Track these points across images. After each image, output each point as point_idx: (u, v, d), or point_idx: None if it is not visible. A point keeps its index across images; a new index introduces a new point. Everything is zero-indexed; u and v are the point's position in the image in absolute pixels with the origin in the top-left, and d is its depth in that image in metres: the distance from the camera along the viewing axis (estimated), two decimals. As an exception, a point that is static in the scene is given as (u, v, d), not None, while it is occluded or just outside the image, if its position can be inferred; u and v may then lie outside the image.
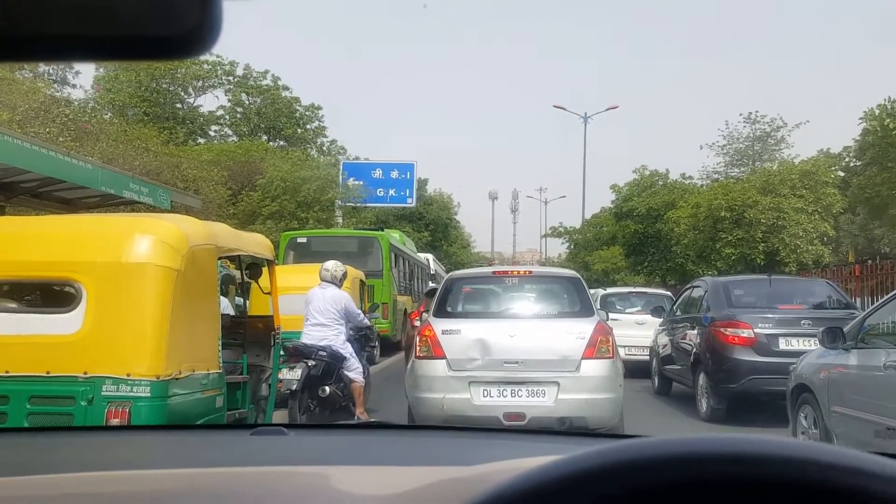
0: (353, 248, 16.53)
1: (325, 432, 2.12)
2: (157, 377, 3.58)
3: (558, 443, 1.86)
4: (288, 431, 1.68)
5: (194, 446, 1.77)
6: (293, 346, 6.66)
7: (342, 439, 1.85)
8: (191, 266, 3.79)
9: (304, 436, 1.90)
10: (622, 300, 13.78)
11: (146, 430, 2.74)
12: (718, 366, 7.98)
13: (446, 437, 1.92)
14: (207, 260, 4.01)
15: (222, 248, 4.27)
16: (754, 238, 14.98)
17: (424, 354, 6.05)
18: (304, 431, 2.15)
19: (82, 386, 3.55)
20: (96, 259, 3.69)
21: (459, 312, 6.54)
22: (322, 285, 7.16)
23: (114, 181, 12.65)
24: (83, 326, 3.63)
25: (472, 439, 1.80)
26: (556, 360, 5.77)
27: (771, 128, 25.69)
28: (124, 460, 1.60)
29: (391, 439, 1.84)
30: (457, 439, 1.82)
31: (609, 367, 5.86)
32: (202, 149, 25.05)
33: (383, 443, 1.75)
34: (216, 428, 3.23)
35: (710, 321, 8.20)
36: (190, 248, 3.79)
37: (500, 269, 7.45)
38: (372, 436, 1.86)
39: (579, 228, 34.88)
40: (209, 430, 2.71)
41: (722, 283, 8.75)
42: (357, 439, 1.80)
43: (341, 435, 1.97)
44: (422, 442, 1.79)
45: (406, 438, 1.90)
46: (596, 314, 6.29)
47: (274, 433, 1.65)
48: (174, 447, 1.77)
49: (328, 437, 1.92)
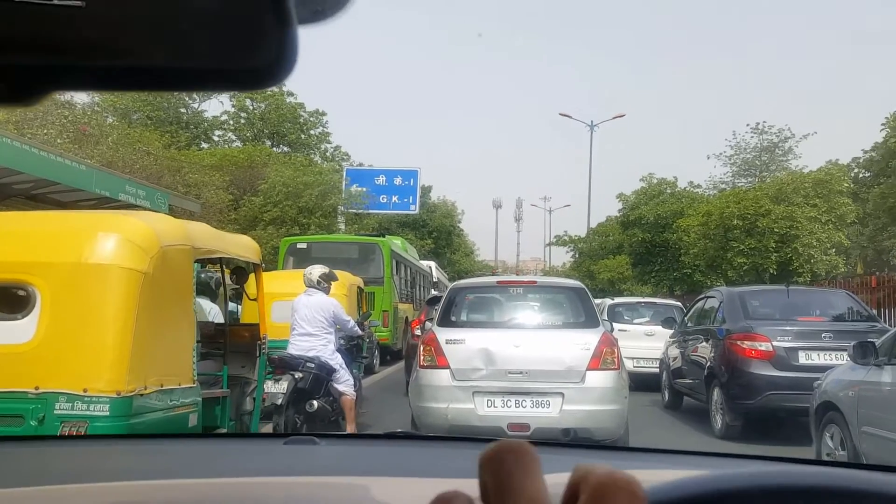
0: (354, 254, 16.23)
1: (357, 442, 2.13)
2: (118, 393, 3.19)
3: (591, 457, 1.79)
4: (320, 441, 1.68)
5: (226, 455, 1.76)
6: (278, 357, 6.27)
7: (375, 449, 1.84)
8: (161, 268, 3.39)
9: (336, 445, 1.89)
10: (630, 310, 13.37)
11: (179, 438, 2.75)
12: (734, 380, 7.56)
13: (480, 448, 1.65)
14: (181, 262, 3.62)
15: (200, 248, 3.87)
16: (767, 247, 14.54)
17: (428, 364, 6.02)
18: (337, 441, 2.11)
19: (33, 403, 3.16)
20: (53, 259, 3.30)
21: (464, 322, 6.48)
22: (308, 292, 6.77)
23: (109, 184, 12.35)
24: (36, 335, 3.23)
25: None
26: (560, 370, 5.73)
27: (779, 138, 25.66)
28: (158, 469, 1.56)
29: (425, 450, 1.83)
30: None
31: (614, 378, 5.81)
32: (205, 153, 24.83)
33: (417, 453, 1.75)
34: (248, 437, 3.24)
35: (726, 333, 7.78)
36: (161, 248, 3.40)
37: (504, 279, 7.27)
38: (405, 446, 1.86)
39: (584, 237, 34.50)
40: (241, 439, 2.75)
41: (738, 294, 8.33)
42: (391, 450, 1.80)
43: (374, 445, 1.96)
44: (455, 453, 1.75)
45: (439, 450, 1.88)
46: (601, 325, 6.22)
47: (306, 442, 1.67)
48: (206, 456, 1.76)
49: (361, 448, 1.92)
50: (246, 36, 0.47)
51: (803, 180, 15.35)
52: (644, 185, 24.27)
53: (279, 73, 0.47)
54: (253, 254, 5.00)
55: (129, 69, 0.48)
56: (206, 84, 0.52)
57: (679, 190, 23.44)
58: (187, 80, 0.51)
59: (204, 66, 0.48)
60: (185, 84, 0.52)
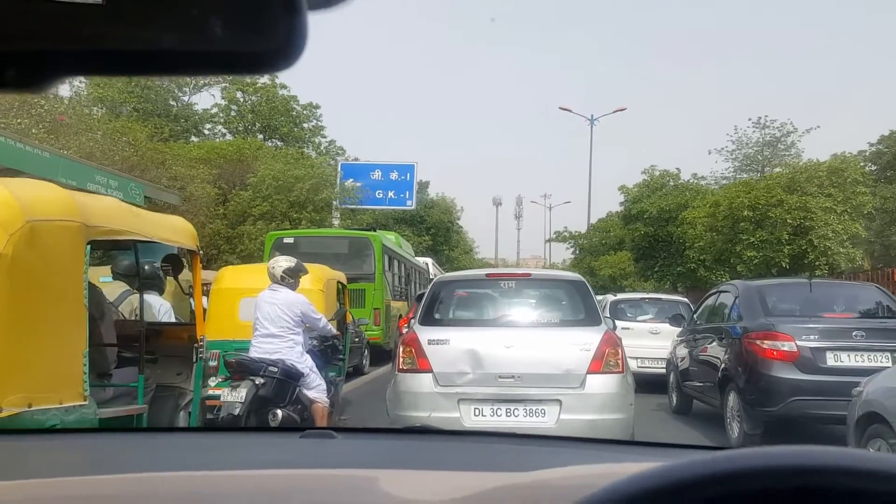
0: (344, 249, 15.55)
1: (374, 436, 2.13)
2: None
3: (612, 451, 1.83)
4: (337, 435, 1.69)
5: (243, 448, 1.76)
6: (236, 360, 5.48)
7: (392, 443, 1.86)
8: (29, 249, 2.59)
9: (353, 439, 1.86)
10: (634, 307, 12.62)
11: (194, 431, 2.70)
12: (753, 384, 6.76)
13: (497, 443, 1.90)
14: (64, 242, 2.82)
15: (97, 227, 3.05)
16: (779, 240, 13.67)
17: (408, 367, 5.37)
18: (354, 435, 2.07)
19: None
20: None
21: (448, 320, 5.80)
22: (272, 287, 5.97)
23: (76, 172, 11.57)
24: None
25: (525, 446, 1.80)
26: (557, 374, 5.19)
27: (781, 133, 25.12)
28: (174, 462, 1.55)
29: (442, 444, 1.83)
30: (509, 446, 1.81)
31: (618, 382, 5.25)
32: (192, 146, 24.07)
33: (434, 448, 1.75)
34: (264, 430, 3.29)
35: (743, 332, 6.98)
36: (27, 222, 2.59)
37: (494, 272, 6.55)
38: (422, 440, 1.86)
39: (585, 233, 33.84)
40: (257, 433, 2.77)
41: (756, 288, 7.51)
42: (408, 444, 1.81)
43: (391, 439, 1.97)
44: (472, 447, 1.77)
45: (455, 444, 1.88)
46: (603, 323, 5.55)
47: (323, 436, 1.68)
48: (221, 449, 1.75)
49: (377, 441, 1.91)
50: (257, 20, 0.48)
51: (817, 169, 14.51)
52: (646, 177, 23.48)
53: (290, 56, 0.49)
54: (187, 238, 4.18)
55: (142, 54, 0.48)
56: (217, 67, 0.55)
57: (683, 182, 22.64)
58: (199, 64, 0.52)
59: (216, 50, 0.49)
60: (196, 67, 0.56)
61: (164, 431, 2.79)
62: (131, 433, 2.48)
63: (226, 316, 7.39)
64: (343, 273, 9.40)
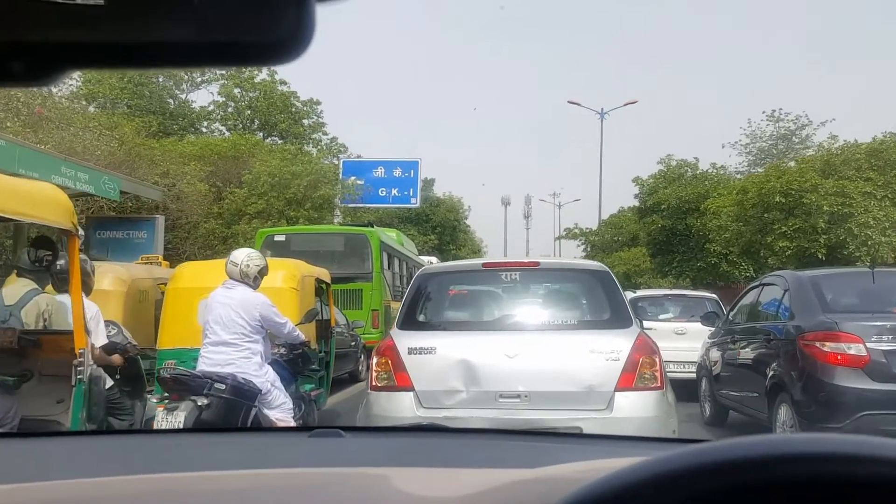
0: (339, 246, 14.66)
1: (383, 434, 2.13)
2: None
3: (619, 446, 1.82)
4: (346, 434, 1.68)
5: (252, 448, 1.77)
6: (172, 375, 4.39)
7: (401, 441, 1.85)
8: None
9: (361, 438, 1.86)
10: (656, 305, 11.51)
11: (209, 433, 2.64)
12: (813, 396, 5.59)
13: (506, 440, 1.90)
14: None
15: None
16: (815, 228, 12.40)
17: (383, 384, 4.31)
18: (363, 433, 2.06)
19: None
20: None
21: (436, 323, 4.68)
22: (227, 285, 4.89)
23: (37, 163, 10.55)
24: None
25: (533, 443, 1.79)
26: (577, 392, 4.14)
27: (796, 125, 24.22)
28: (187, 461, 1.57)
29: (450, 442, 1.82)
30: (517, 443, 1.80)
31: (657, 402, 4.19)
32: (186, 143, 23.18)
33: (443, 445, 1.74)
34: (273, 430, 3.35)
35: (798, 332, 5.81)
36: None
37: (492, 261, 5.22)
38: (430, 438, 1.87)
39: (596, 230, 32.71)
40: (266, 433, 2.87)
41: (810, 279, 6.31)
42: (416, 442, 1.82)
43: (399, 437, 1.97)
44: (482, 445, 1.76)
45: (465, 441, 1.86)
46: (634, 324, 4.42)
47: (332, 435, 1.68)
48: (232, 449, 1.75)
49: (386, 440, 1.90)
50: (263, 10, 0.48)
51: (855, 150, 13.22)
52: (662, 167, 22.27)
53: (296, 48, 0.48)
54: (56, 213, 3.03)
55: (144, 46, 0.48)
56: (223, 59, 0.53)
57: (702, 172, 21.42)
58: (206, 55, 0.52)
59: (222, 41, 0.49)
60: (203, 59, 0.53)
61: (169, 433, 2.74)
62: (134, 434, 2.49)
63: (183, 320, 6.31)
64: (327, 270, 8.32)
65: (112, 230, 13.91)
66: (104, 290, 6.70)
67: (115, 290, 6.69)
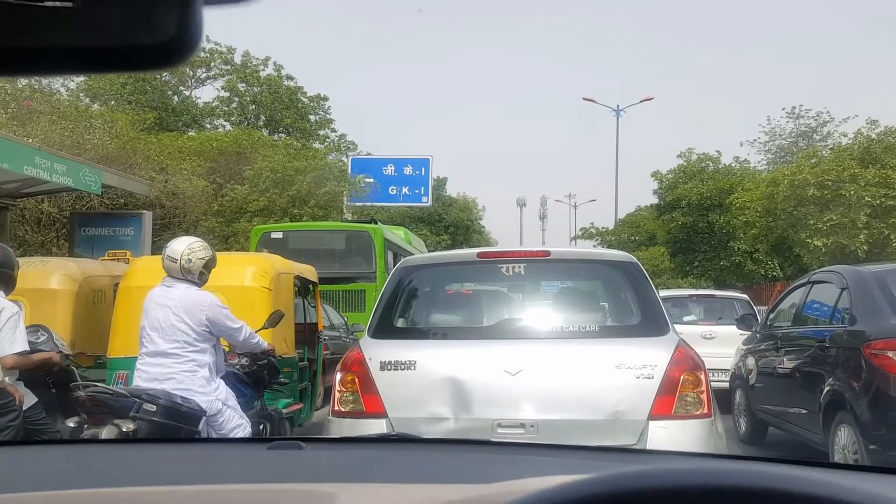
0: (340, 244, 13.99)
1: (342, 446, 2.03)
2: None
3: (584, 458, 1.73)
4: (305, 445, 1.62)
5: (209, 460, 1.69)
6: (89, 395, 3.51)
7: (360, 454, 1.77)
8: None
9: (321, 450, 1.77)
10: (680, 307, 10.55)
11: (160, 443, 2.56)
12: (882, 416, 4.65)
13: (467, 451, 1.82)
14: None
15: None
16: (854, 223, 11.34)
17: (348, 409, 3.44)
18: (322, 445, 1.93)
19: None
20: None
21: (417, 329, 3.82)
22: (166, 283, 4.02)
23: (8, 153, 9.76)
24: None
25: (496, 454, 1.76)
26: (597, 422, 3.30)
27: (817, 122, 23.25)
28: (138, 475, 1.47)
29: (410, 454, 1.75)
30: (479, 454, 1.74)
31: (704, 434, 3.28)
32: (185, 137, 22.53)
33: (402, 458, 1.68)
34: (230, 441, 3.13)
35: (863, 339, 4.85)
36: None
37: (489, 251, 4.17)
38: (391, 450, 1.80)
39: (612, 229, 31.77)
40: (221, 444, 2.71)
41: (873, 276, 5.34)
42: (375, 454, 1.75)
43: (359, 449, 1.87)
44: (442, 457, 1.69)
45: (425, 453, 1.79)
46: (672, 331, 3.51)
47: (291, 447, 1.61)
48: (182, 461, 1.66)
49: (345, 452, 1.81)
50: (148, 13, 0.46)
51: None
52: (682, 162, 21.25)
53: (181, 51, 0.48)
54: None
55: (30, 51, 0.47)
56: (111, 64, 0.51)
57: (725, 166, 20.39)
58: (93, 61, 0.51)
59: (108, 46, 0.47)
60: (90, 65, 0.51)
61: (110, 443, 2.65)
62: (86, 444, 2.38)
63: (137, 324, 5.47)
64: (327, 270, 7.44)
65: (97, 227, 13.15)
66: (50, 289, 5.90)
67: (64, 289, 5.86)
